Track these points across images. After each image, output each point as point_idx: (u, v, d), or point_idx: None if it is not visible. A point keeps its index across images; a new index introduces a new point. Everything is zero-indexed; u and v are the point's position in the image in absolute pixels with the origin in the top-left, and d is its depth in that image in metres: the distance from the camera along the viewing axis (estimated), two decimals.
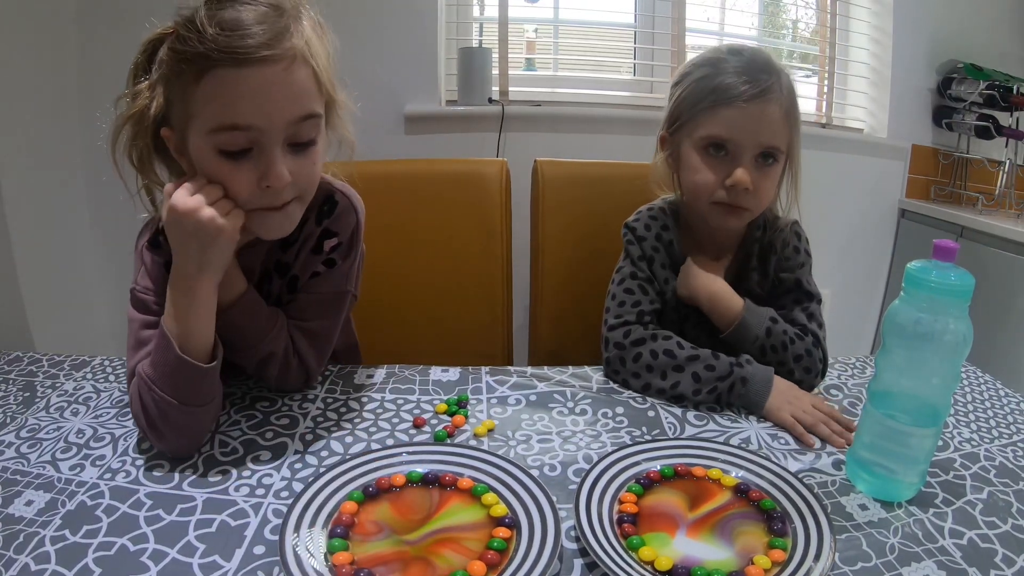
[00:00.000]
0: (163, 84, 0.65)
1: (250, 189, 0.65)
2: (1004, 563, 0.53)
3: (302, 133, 0.65)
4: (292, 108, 0.64)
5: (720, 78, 0.83)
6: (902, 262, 2.12)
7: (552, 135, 1.92)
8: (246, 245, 0.75)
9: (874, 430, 0.63)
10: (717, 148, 0.85)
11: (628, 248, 0.95)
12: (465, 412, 0.76)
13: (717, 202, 0.86)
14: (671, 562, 0.51)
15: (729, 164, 0.85)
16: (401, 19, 1.78)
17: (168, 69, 0.63)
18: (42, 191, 1.57)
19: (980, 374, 0.93)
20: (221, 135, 0.62)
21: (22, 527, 0.54)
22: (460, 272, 1.21)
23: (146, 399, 0.64)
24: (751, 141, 0.83)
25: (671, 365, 0.82)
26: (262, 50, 0.60)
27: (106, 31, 1.62)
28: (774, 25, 2.39)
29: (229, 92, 0.61)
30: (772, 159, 0.85)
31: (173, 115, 0.66)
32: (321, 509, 0.56)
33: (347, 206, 0.80)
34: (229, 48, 0.59)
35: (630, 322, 0.88)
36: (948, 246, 0.58)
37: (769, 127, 0.83)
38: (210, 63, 0.60)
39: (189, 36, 0.60)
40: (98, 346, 1.78)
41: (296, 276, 0.79)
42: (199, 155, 0.65)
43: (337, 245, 0.79)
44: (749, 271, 0.93)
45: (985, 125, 2.00)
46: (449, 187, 1.22)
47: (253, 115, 0.62)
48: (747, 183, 0.83)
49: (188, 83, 0.61)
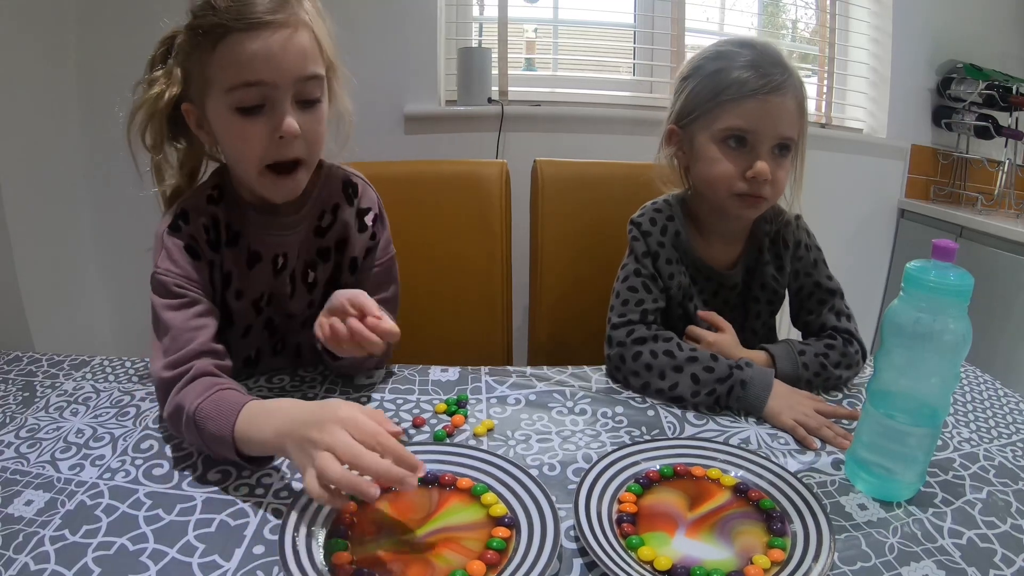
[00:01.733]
0: (181, 62, 0.73)
1: (264, 143, 0.71)
2: (1003, 563, 0.53)
3: (308, 91, 0.73)
4: (299, 66, 0.71)
5: (737, 72, 0.84)
6: (901, 262, 2.12)
7: (552, 135, 1.92)
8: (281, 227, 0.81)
9: (873, 430, 0.63)
10: (738, 140, 0.86)
11: (633, 245, 0.95)
12: (464, 412, 0.76)
13: (737, 193, 0.87)
14: (670, 562, 0.51)
15: (748, 155, 0.86)
16: (401, 19, 1.78)
17: (186, 45, 0.72)
18: (42, 191, 1.57)
19: (979, 374, 0.93)
20: (236, 93, 0.69)
21: (22, 527, 0.54)
22: (460, 272, 1.21)
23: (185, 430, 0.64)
24: (771, 132, 0.85)
25: (670, 366, 0.82)
26: (268, 15, 0.68)
27: (106, 31, 1.62)
28: (774, 25, 2.39)
29: (241, 54, 0.68)
30: (787, 150, 0.87)
31: (192, 89, 0.73)
32: (321, 509, 0.56)
33: (364, 183, 0.89)
34: (240, 15, 0.67)
35: (633, 321, 0.88)
36: (947, 246, 0.58)
37: (787, 119, 0.85)
38: (223, 30, 0.68)
39: (204, 13, 0.69)
40: (98, 346, 1.78)
41: (355, 258, 0.86)
42: (217, 118, 0.72)
43: (375, 218, 0.88)
44: (763, 264, 0.95)
45: (984, 125, 2.00)
46: (449, 188, 1.22)
47: (264, 71, 0.69)
48: (767, 174, 0.84)
49: (205, 53, 0.69)
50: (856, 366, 0.88)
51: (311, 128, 0.73)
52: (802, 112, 0.87)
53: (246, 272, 0.81)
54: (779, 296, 0.97)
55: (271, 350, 0.87)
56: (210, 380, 0.67)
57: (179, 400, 0.65)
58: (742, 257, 0.96)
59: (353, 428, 0.54)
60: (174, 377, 0.67)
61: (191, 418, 0.63)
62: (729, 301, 0.97)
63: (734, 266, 0.96)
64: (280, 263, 0.82)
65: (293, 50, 0.70)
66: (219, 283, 0.79)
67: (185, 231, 0.75)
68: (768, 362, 0.85)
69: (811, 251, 0.96)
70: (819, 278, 0.94)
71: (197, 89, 0.73)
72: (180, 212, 0.76)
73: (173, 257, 0.74)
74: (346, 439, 0.53)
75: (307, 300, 0.86)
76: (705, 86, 0.87)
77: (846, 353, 0.87)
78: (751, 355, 0.86)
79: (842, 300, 0.94)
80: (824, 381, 0.85)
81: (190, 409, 0.63)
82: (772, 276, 0.95)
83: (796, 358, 0.85)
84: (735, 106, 0.85)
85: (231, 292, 0.80)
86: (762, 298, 0.97)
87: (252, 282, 0.81)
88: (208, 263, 0.77)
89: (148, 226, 0.79)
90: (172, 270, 0.74)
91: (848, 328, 0.90)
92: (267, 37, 0.68)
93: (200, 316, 0.73)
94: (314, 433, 0.54)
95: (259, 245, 0.81)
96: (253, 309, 0.83)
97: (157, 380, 0.69)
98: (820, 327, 0.92)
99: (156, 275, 0.74)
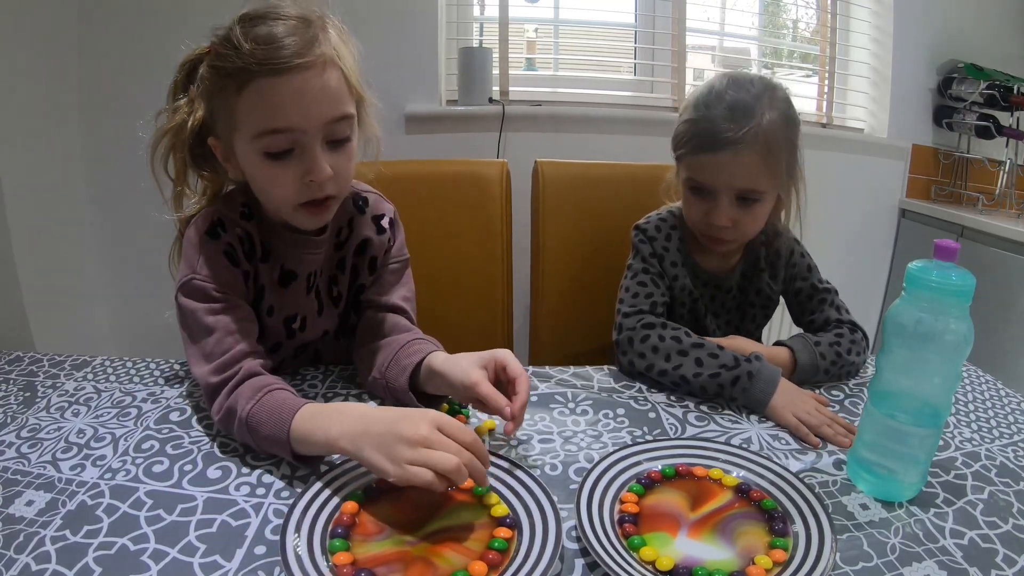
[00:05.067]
0: (205, 99, 0.72)
1: (294, 185, 0.71)
2: (1005, 563, 0.53)
3: (338, 131, 0.71)
4: (328, 109, 0.69)
5: (702, 124, 0.87)
6: (903, 262, 2.12)
7: (552, 135, 1.92)
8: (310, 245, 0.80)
9: (875, 430, 0.63)
10: (698, 188, 0.91)
11: (639, 247, 0.98)
12: (466, 412, 0.76)
13: (703, 232, 0.93)
14: (672, 562, 0.51)
15: (710, 202, 0.90)
16: (401, 19, 1.78)
17: (210, 84, 0.70)
18: (42, 191, 1.57)
19: (981, 374, 0.93)
20: (265, 139, 0.68)
21: (23, 527, 0.54)
22: (461, 272, 1.21)
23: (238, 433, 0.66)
24: (725, 186, 0.88)
25: (676, 349, 0.84)
26: (295, 58, 0.66)
27: (106, 33, 1.62)
28: (774, 25, 2.39)
29: (269, 100, 0.66)
30: (753, 199, 0.89)
31: (218, 126, 0.72)
32: (322, 509, 0.56)
33: (378, 196, 0.89)
34: (266, 59, 0.65)
35: (644, 311, 0.91)
36: (949, 246, 0.58)
37: (743, 173, 0.87)
38: (249, 75, 0.66)
39: (227, 53, 0.66)
40: (99, 346, 1.78)
41: (375, 257, 0.87)
42: (246, 160, 0.71)
43: (390, 223, 0.88)
44: (758, 272, 1.00)
45: (985, 125, 2.00)
46: (450, 188, 1.22)
47: (293, 118, 0.67)
48: (724, 223, 0.89)
49: (230, 96, 0.67)
50: (864, 352, 0.92)
51: (342, 167, 0.72)
52: (770, 161, 0.86)
53: (278, 289, 0.81)
54: (773, 302, 1.02)
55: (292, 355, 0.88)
56: (260, 381, 0.68)
57: (230, 404, 0.66)
58: (739, 265, 1.00)
59: (442, 424, 0.57)
60: (223, 381, 0.68)
61: (243, 421, 0.64)
62: (727, 304, 1.02)
63: (731, 272, 1.00)
64: (312, 281, 0.83)
65: (322, 94, 0.68)
66: (253, 294, 0.79)
67: (224, 238, 0.75)
68: (788, 356, 0.87)
69: (805, 257, 1.01)
70: (814, 281, 1.00)
71: (223, 127, 0.72)
72: (217, 220, 0.75)
73: (212, 262, 0.74)
74: (439, 435, 0.56)
75: (336, 313, 0.87)
76: (682, 132, 0.92)
77: (855, 340, 0.91)
78: (771, 350, 0.88)
79: (839, 297, 0.99)
80: (839, 369, 0.88)
81: (243, 414, 0.64)
82: (767, 283, 1.00)
83: (813, 348, 0.87)
84: (693, 159, 0.90)
85: (264, 307, 0.80)
86: (757, 303, 1.02)
87: (285, 300, 0.82)
88: (244, 272, 0.77)
89: (148, 226, 0.79)
90: (212, 275, 0.73)
91: (851, 319, 0.95)
92: (295, 82, 0.66)
93: (243, 320, 0.74)
94: (407, 429, 0.56)
95: (293, 264, 0.81)
96: (284, 328, 0.83)
97: (205, 385, 0.69)
98: (825, 322, 0.96)
99: (195, 280, 0.73)
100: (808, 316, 0.99)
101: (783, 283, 1.01)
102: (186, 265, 0.75)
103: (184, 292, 0.73)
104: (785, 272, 1.00)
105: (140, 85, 1.68)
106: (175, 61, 0.75)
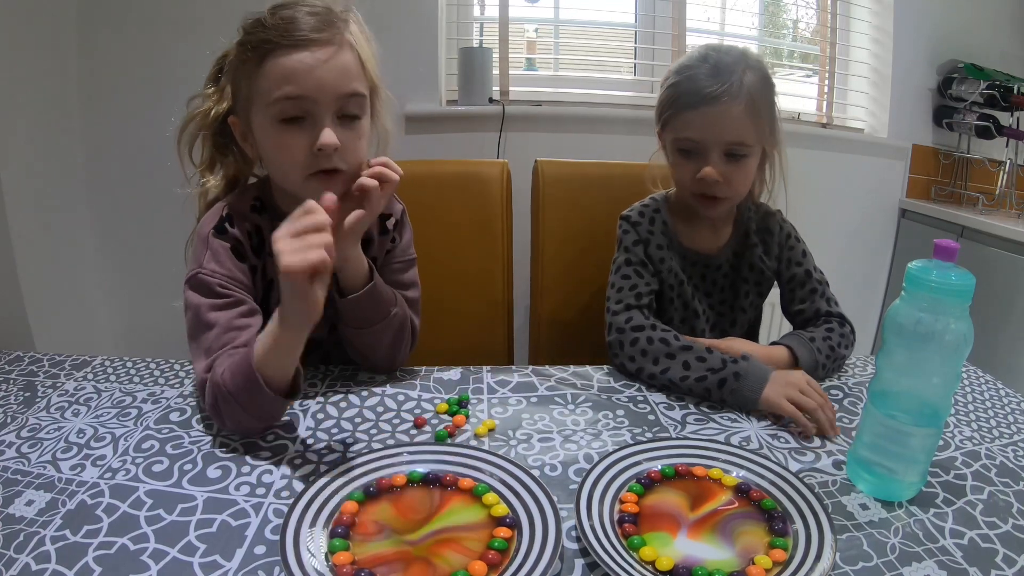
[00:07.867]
0: (231, 76, 0.77)
1: (304, 152, 0.73)
2: (1005, 563, 0.53)
3: (349, 107, 0.74)
4: (340, 83, 0.72)
5: (686, 84, 0.90)
6: (902, 262, 2.12)
7: (552, 135, 1.92)
8: None
9: (875, 430, 0.63)
10: (689, 148, 0.92)
11: (623, 237, 1.00)
12: (466, 412, 0.76)
13: (695, 193, 0.94)
14: (672, 562, 0.51)
15: (699, 161, 0.91)
16: (401, 19, 1.78)
17: (235, 61, 0.75)
18: (42, 191, 1.57)
19: (981, 374, 0.93)
20: (279, 104, 0.71)
21: (22, 527, 0.54)
22: (461, 272, 1.21)
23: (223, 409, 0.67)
24: (715, 140, 0.89)
25: (664, 352, 0.85)
26: (314, 33, 0.71)
27: (106, 32, 1.62)
28: (774, 25, 2.39)
29: (285, 69, 0.71)
30: (740, 155, 0.90)
31: (239, 104, 0.77)
32: (322, 509, 0.56)
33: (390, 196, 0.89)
34: (286, 32, 0.70)
35: (631, 305, 0.92)
36: (949, 246, 0.58)
37: (730, 125, 0.88)
38: (270, 47, 0.71)
39: (254, 30, 0.73)
40: (99, 346, 1.78)
41: (375, 257, 0.87)
42: (260, 129, 0.74)
43: (396, 223, 0.90)
44: (750, 247, 1.01)
45: (986, 125, 2.00)
46: (450, 188, 1.22)
47: (306, 86, 0.71)
48: (714, 176, 0.90)
49: (252, 68, 0.72)
50: (852, 345, 0.94)
51: (350, 143, 0.74)
52: (754, 114, 0.88)
53: None
54: (767, 279, 1.02)
55: None
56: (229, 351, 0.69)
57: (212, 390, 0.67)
58: (730, 241, 1.01)
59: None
60: None
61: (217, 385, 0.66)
62: (718, 283, 1.02)
63: (722, 250, 1.01)
64: None
65: (335, 67, 0.72)
66: (261, 288, 0.81)
67: (231, 233, 0.78)
68: (788, 355, 0.87)
69: (800, 243, 1.02)
70: (809, 267, 1.00)
71: (243, 102, 0.75)
72: (226, 215, 0.78)
73: (219, 258, 0.76)
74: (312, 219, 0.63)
75: None
76: (666, 98, 0.94)
77: (844, 334, 0.93)
78: (769, 350, 0.88)
79: (829, 288, 1.00)
80: (834, 363, 0.90)
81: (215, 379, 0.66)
82: (759, 258, 1.00)
83: (809, 344, 0.88)
84: (680, 118, 0.91)
85: (273, 299, 0.81)
86: (750, 279, 1.02)
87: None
88: (252, 267, 0.79)
89: (149, 226, 0.80)
90: (218, 271, 0.75)
91: (840, 312, 0.97)
92: (311, 54, 0.70)
93: (244, 316, 0.75)
94: None
95: None
96: None
97: (199, 380, 0.70)
98: (815, 313, 0.97)
99: (200, 275, 0.75)
100: (798, 304, 0.99)
101: (777, 262, 1.01)
102: (194, 259, 0.77)
103: (190, 285, 0.76)
104: (780, 252, 1.01)
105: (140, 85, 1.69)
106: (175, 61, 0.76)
